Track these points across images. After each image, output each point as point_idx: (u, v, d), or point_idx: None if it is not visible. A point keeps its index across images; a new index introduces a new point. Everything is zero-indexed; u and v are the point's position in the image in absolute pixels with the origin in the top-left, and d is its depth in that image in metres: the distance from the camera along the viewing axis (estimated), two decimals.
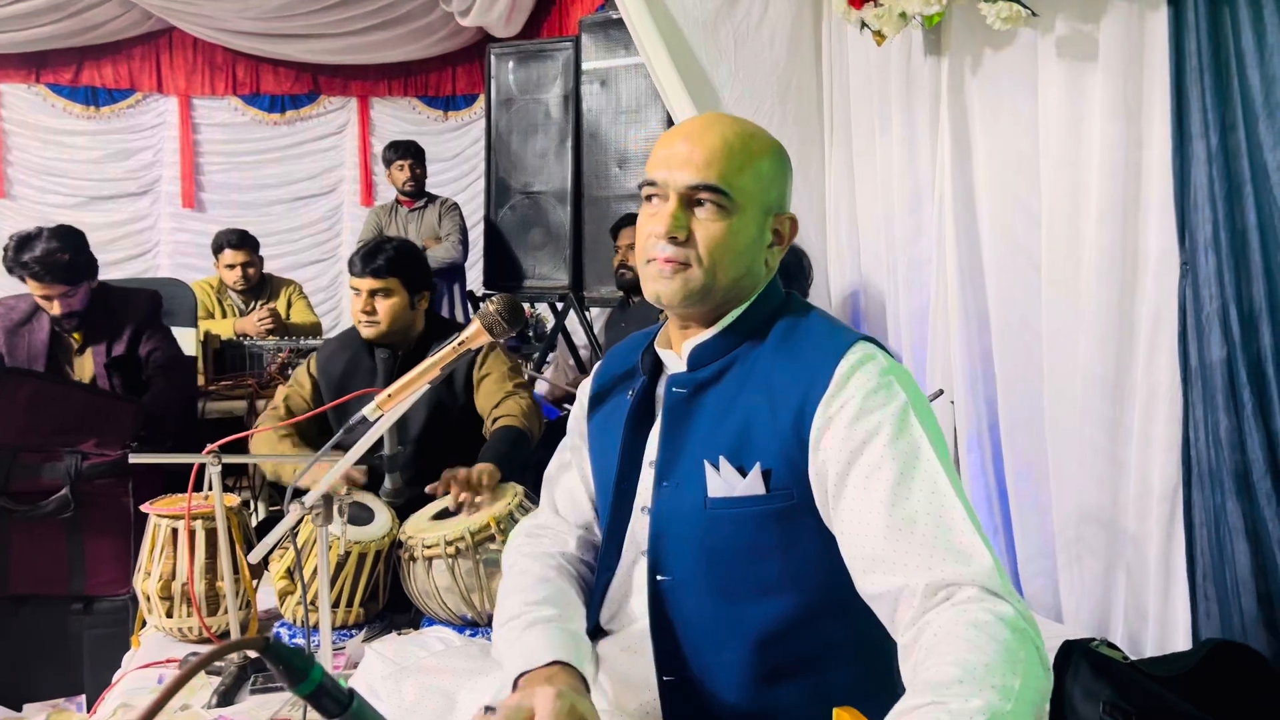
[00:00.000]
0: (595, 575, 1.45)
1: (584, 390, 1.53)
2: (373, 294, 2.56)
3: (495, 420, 2.52)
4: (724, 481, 1.25)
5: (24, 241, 3.06)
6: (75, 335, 3.22)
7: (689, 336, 1.34)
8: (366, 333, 2.59)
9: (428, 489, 2.26)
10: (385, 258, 2.57)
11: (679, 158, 1.27)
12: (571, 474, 1.53)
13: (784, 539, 1.25)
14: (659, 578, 1.31)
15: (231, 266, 4.58)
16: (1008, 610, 1.04)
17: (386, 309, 2.58)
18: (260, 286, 4.71)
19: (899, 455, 1.15)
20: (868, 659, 1.28)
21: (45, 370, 3.18)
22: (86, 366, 3.23)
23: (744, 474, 1.24)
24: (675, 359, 1.36)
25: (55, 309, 3.12)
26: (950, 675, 0.96)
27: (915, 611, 1.08)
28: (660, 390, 1.38)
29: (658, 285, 1.28)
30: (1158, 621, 2.23)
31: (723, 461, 1.25)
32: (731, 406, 1.28)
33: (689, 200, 1.27)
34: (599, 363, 1.54)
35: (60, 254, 3.05)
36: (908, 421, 1.17)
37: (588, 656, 1.26)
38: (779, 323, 1.31)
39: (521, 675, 1.19)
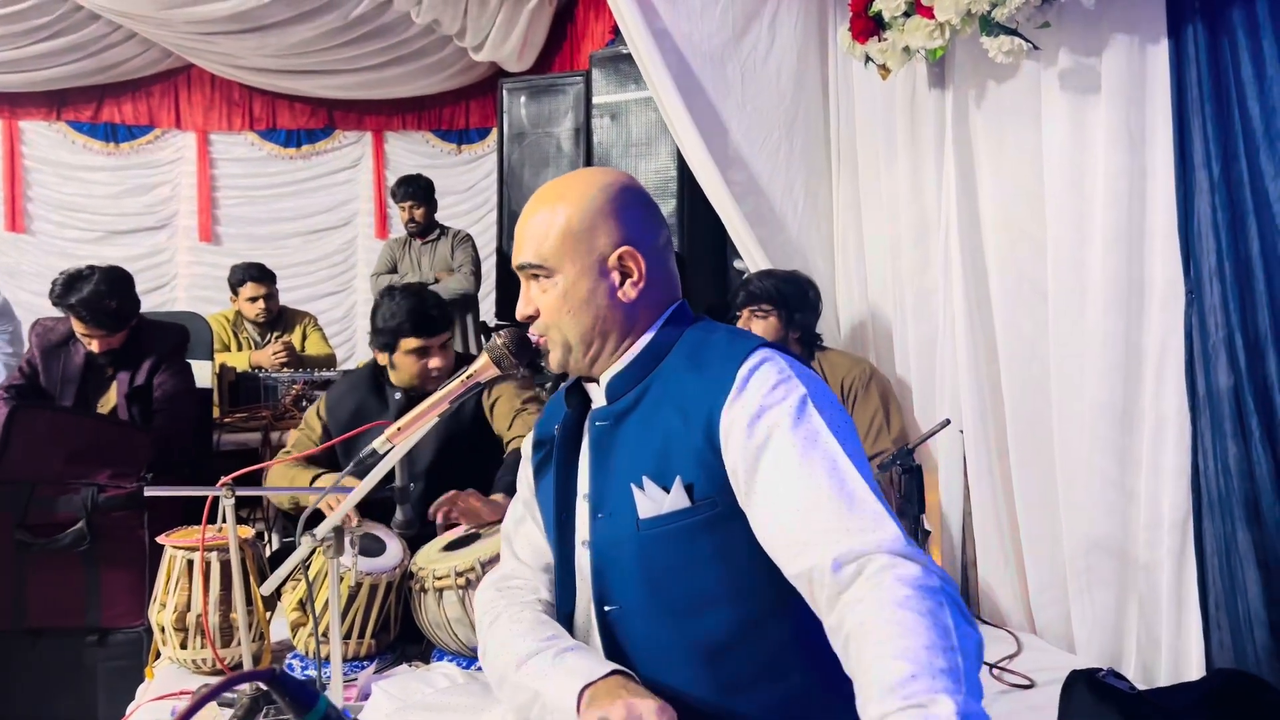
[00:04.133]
0: (555, 614, 1.47)
1: (528, 441, 1.57)
2: (442, 347, 2.61)
3: (509, 443, 2.55)
4: (651, 501, 1.29)
5: (73, 281, 3.10)
6: (107, 368, 3.28)
7: (604, 369, 1.39)
8: (435, 385, 2.60)
9: (430, 512, 2.28)
10: (441, 309, 2.61)
11: (515, 246, 1.40)
12: (527, 524, 1.55)
13: (717, 548, 1.28)
14: (606, 608, 1.34)
15: (253, 299, 4.63)
16: (918, 573, 1.07)
17: (451, 358, 2.63)
18: (276, 319, 4.75)
19: (798, 441, 1.20)
20: (824, 661, 1.26)
21: (75, 397, 3.23)
22: (112, 396, 3.28)
23: (667, 490, 1.28)
24: (598, 390, 1.40)
25: (95, 347, 3.18)
26: (902, 671, 0.99)
27: (831, 590, 1.12)
28: (588, 424, 1.42)
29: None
30: (1171, 651, 2.22)
31: (646, 481, 1.29)
32: (649, 428, 1.32)
33: (529, 278, 1.39)
34: (539, 418, 1.58)
35: (108, 299, 3.10)
36: (805, 410, 1.22)
37: None
38: (687, 344, 1.36)
39: (586, 687, 1.22)
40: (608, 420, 1.37)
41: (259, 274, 4.63)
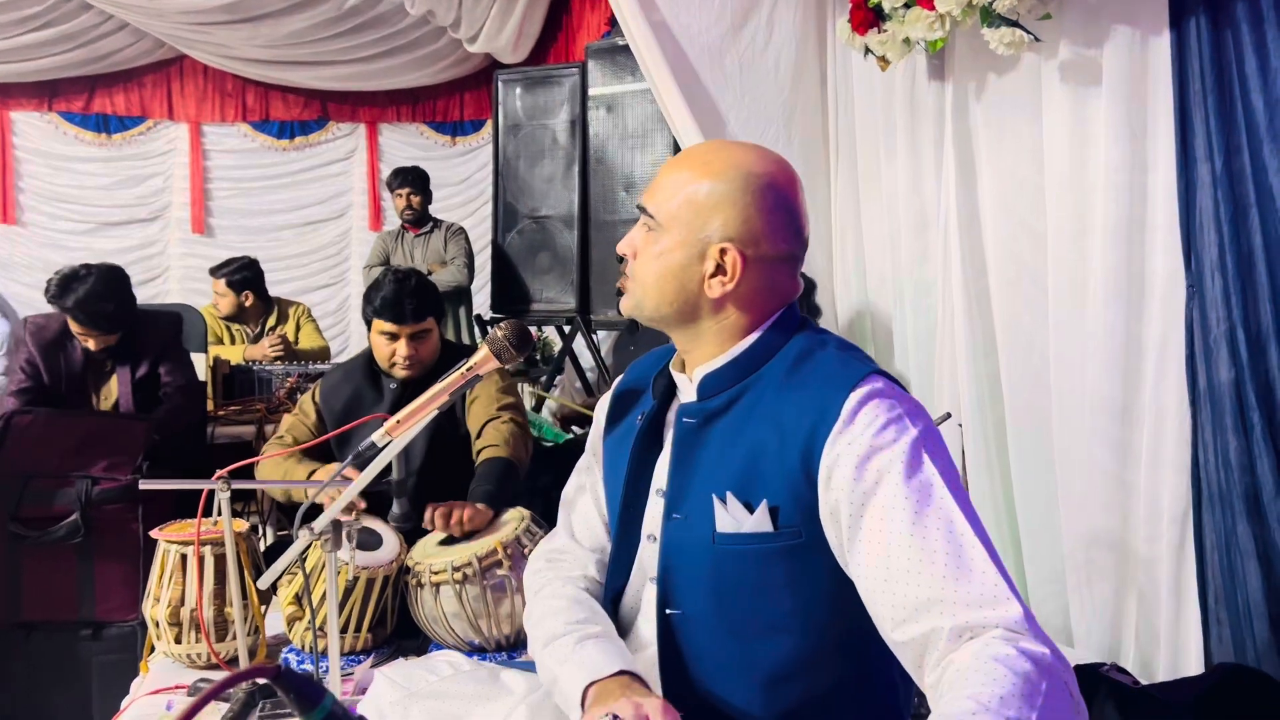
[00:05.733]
0: (602, 592, 1.45)
1: (603, 404, 1.52)
2: (412, 338, 2.53)
3: (480, 452, 2.51)
4: (731, 517, 1.23)
5: (68, 281, 3.08)
6: (107, 362, 3.30)
7: (698, 363, 1.33)
8: (404, 374, 2.56)
9: (427, 518, 2.26)
10: (419, 299, 2.52)
11: (651, 184, 1.34)
12: (586, 498, 1.52)
13: (792, 577, 1.23)
14: (668, 611, 1.30)
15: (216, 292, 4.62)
16: (1035, 647, 1.02)
17: (430, 349, 2.57)
18: (267, 310, 4.72)
19: (911, 494, 1.12)
20: (877, 699, 1.27)
21: (78, 391, 3.26)
22: (113, 389, 3.29)
23: (751, 510, 1.22)
24: (688, 384, 1.35)
25: (91, 345, 3.18)
26: (964, 708, 0.95)
27: (940, 654, 1.07)
28: (671, 415, 1.37)
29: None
30: (1169, 645, 2.22)
31: (730, 497, 1.23)
32: (739, 438, 1.26)
33: (642, 217, 1.34)
34: (620, 376, 1.52)
35: (104, 303, 3.09)
36: (919, 458, 1.15)
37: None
38: (791, 353, 1.28)
39: (591, 685, 1.20)
40: (696, 418, 1.31)
41: (220, 272, 4.57)
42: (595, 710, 1.13)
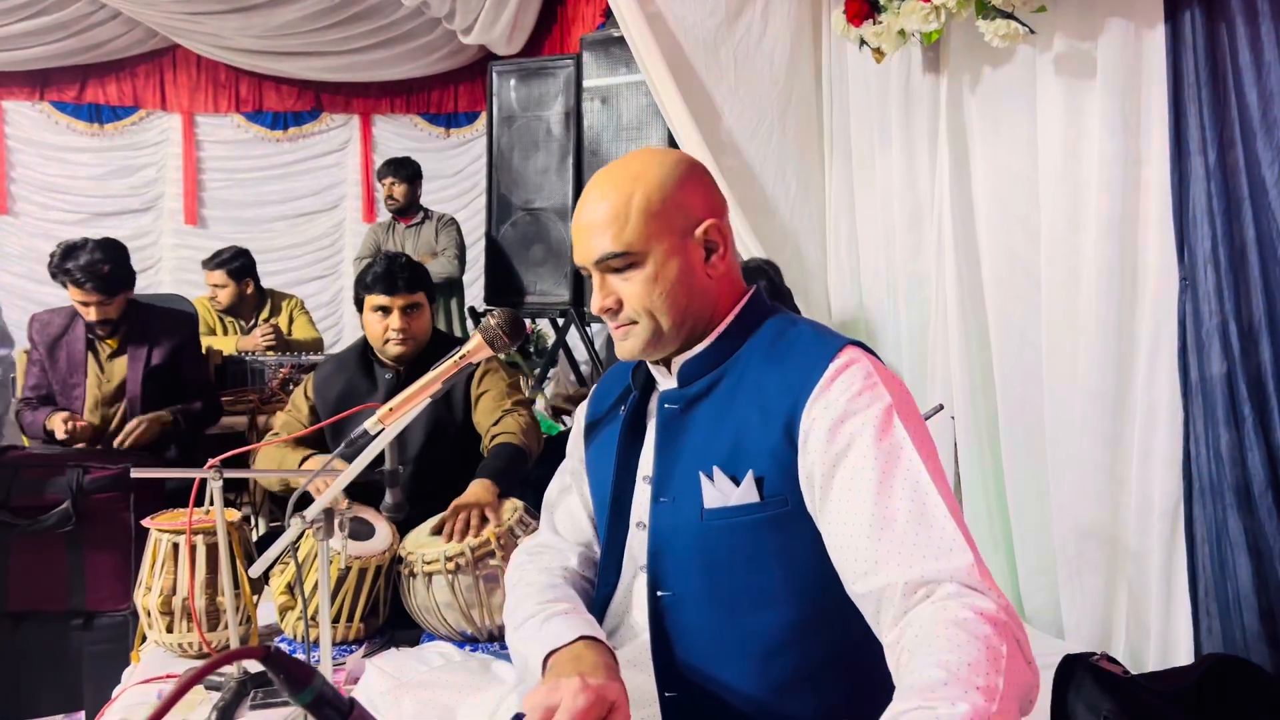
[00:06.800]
0: (594, 590, 1.46)
1: (581, 412, 1.55)
2: (405, 310, 2.55)
3: (494, 438, 2.51)
4: (718, 492, 1.26)
5: (70, 250, 3.23)
6: (109, 342, 3.37)
7: (676, 353, 1.36)
8: (397, 351, 2.56)
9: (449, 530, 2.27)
10: (409, 273, 2.57)
11: (579, 240, 1.33)
12: (571, 496, 1.54)
13: (781, 547, 1.25)
14: (659, 593, 1.32)
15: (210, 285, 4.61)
16: (988, 604, 1.05)
17: (423, 325, 2.60)
18: (260, 302, 4.71)
19: (881, 455, 1.16)
20: (868, 669, 1.27)
21: (76, 376, 3.37)
22: (117, 372, 3.37)
23: (737, 483, 1.25)
24: (666, 374, 1.37)
25: (91, 315, 3.27)
26: (935, 677, 0.97)
27: (896, 610, 1.10)
28: (652, 405, 1.39)
29: (619, 348, 1.35)
30: (1159, 638, 2.23)
31: (716, 471, 1.26)
32: (723, 417, 1.29)
33: (607, 270, 1.31)
34: (595, 385, 1.55)
35: (102, 265, 3.21)
36: (891, 422, 1.19)
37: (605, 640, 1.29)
38: (767, 333, 1.33)
39: (550, 654, 1.22)
40: (678, 404, 1.34)
41: (215, 263, 4.56)
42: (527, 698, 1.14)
